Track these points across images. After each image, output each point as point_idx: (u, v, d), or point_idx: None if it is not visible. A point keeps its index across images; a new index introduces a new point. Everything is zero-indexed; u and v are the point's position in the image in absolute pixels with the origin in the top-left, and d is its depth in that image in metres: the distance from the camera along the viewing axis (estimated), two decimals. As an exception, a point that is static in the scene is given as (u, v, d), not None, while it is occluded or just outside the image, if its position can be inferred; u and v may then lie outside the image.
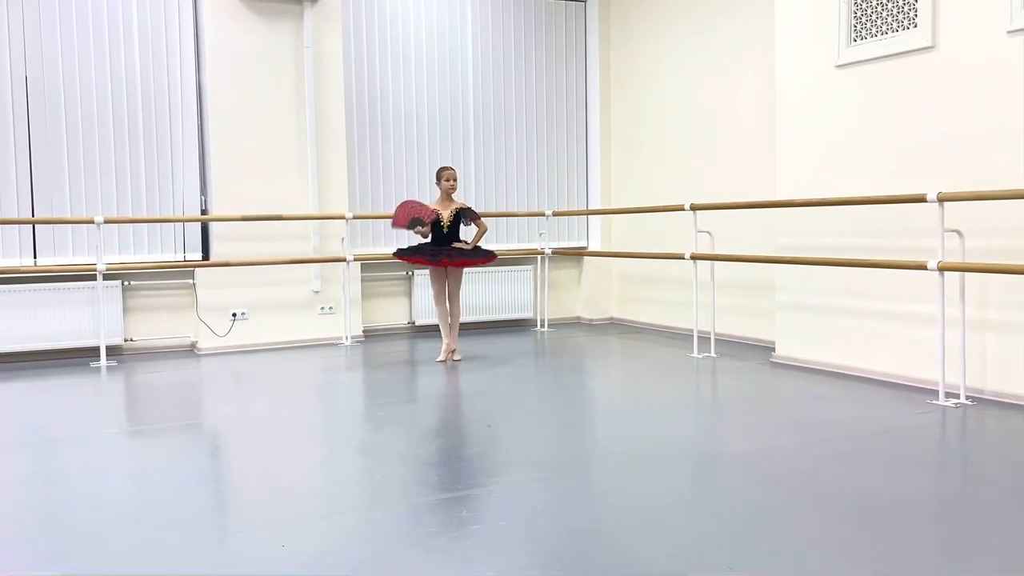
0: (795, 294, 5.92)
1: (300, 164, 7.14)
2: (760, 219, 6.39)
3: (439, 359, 6.25)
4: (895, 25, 5.20)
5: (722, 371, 5.80)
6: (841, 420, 4.38)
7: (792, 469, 3.53)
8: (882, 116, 5.30)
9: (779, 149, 6.00)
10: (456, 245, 6.15)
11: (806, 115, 5.79)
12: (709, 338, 6.30)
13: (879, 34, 5.29)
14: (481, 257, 6.25)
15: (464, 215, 6.20)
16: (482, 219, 6.31)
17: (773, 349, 6.10)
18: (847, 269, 5.40)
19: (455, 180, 6.22)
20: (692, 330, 6.38)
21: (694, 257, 6.26)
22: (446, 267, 6.16)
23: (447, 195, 6.20)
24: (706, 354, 6.24)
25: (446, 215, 6.11)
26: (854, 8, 5.43)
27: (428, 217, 6.05)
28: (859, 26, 5.41)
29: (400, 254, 6.26)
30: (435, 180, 6.34)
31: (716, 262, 6.28)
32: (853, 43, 5.45)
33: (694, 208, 6.30)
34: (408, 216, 6.05)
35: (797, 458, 3.69)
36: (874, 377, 5.31)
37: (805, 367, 5.73)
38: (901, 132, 5.18)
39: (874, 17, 5.32)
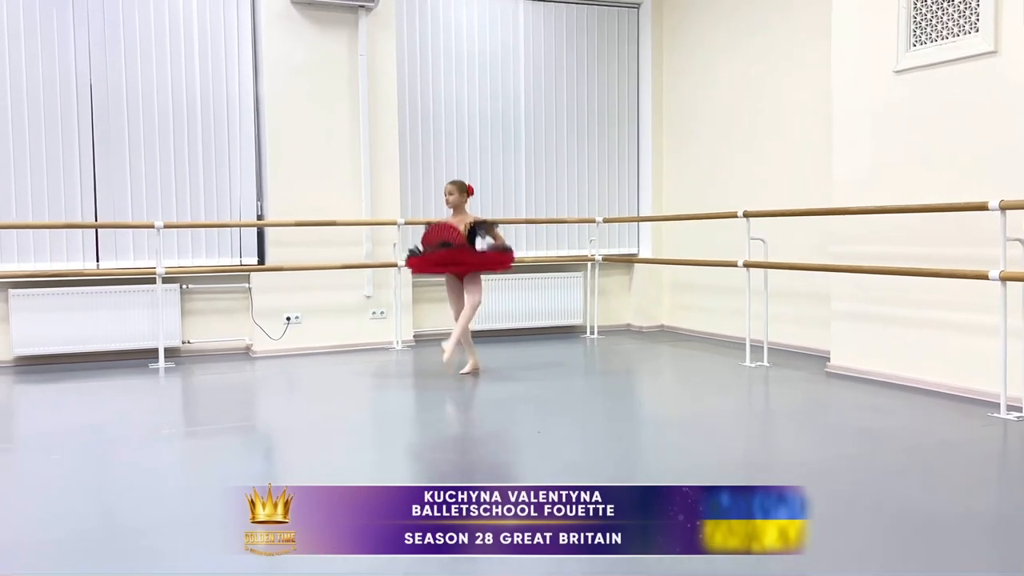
0: (851, 303, 5.83)
1: (354, 170, 7.22)
2: (815, 227, 6.30)
3: (463, 371, 5.84)
4: (956, 30, 5.10)
5: (775, 381, 5.73)
6: (898, 432, 4.31)
7: (846, 482, 3.48)
8: (942, 122, 5.20)
9: (835, 156, 5.92)
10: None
11: (863, 121, 5.70)
12: (762, 347, 6.23)
13: (939, 39, 5.20)
14: (497, 257, 5.76)
15: (479, 229, 5.73)
16: (499, 232, 5.73)
17: (828, 359, 6.01)
18: (905, 278, 5.30)
19: (451, 194, 5.75)
20: (744, 339, 6.31)
21: (747, 265, 6.20)
22: (461, 275, 5.72)
23: (457, 210, 5.79)
24: (759, 363, 6.17)
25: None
26: (913, 13, 5.34)
27: (455, 244, 5.60)
28: (919, 31, 5.32)
29: (412, 258, 5.83)
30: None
31: (769, 270, 6.21)
32: (912, 48, 5.36)
33: (747, 215, 6.23)
34: (436, 239, 5.65)
35: (851, 470, 3.64)
36: (933, 389, 5.21)
37: (861, 377, 5.64)
38: (962, 138, 5.08)
39: (934, 22, 5.23)
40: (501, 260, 5.82)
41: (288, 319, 7.05)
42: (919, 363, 5.35)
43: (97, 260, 6.65)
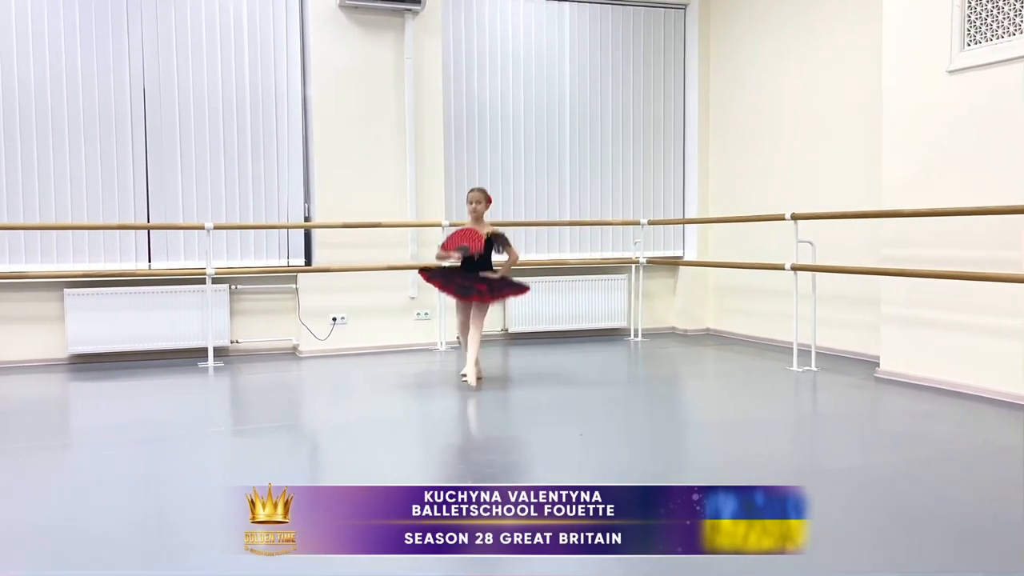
0: (901, 307, 5.69)
1: (399, 172, 7.28)
2: (864, 229, 6.17)
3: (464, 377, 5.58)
4: (1011, 28, 4.96)
5: (823, 386, 5.62)
6: (947, 439, 4.19)
7: (891, 489, 3.40)
8: (997, 123, 5.05)
9: (886, 157, 5.79)
10: (484, 275, 5.53)
11: (915, 122, 5.57)
12: (809, 351, 6.12)
13: (994, 38, 5.06)
14: (512, 291, 5.69)
15: (496, 242, 5.58)
16: (514, 248, 5.65)
17: (877, 364, 5.88)
18: (957, 282, 5.16)
19: (478, 203, 5.57)
20: (792, 343, 6.21)
21: (795, 268, 6.10)
22: (473, 302, 5.61)
23: (475, 219, 5.62)
24: (806, 368, 6.06)
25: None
26: (968, 12, 5.20)
27: (473, 249, 5.45)
28: (973, 30, 5.18)
29: (426, 273, 5.80)
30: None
31: (817, 273, 6.10)
32: (966, 48, 5.22)
33: (795, 217, 6.13)
34: (457, 243, 5.54)
35: (897, 478, 3.55)
36: (985, 395, 5.06)
37: (911, 383, 5.50)
38: (1017, 139, 4.93)
39: (989, 21, 5.08)
40: (513, 294, 5.78)
41: (334, 320, 7.12)
42: (972, 369, 5.20)
43: (149, 260, 6.80)
